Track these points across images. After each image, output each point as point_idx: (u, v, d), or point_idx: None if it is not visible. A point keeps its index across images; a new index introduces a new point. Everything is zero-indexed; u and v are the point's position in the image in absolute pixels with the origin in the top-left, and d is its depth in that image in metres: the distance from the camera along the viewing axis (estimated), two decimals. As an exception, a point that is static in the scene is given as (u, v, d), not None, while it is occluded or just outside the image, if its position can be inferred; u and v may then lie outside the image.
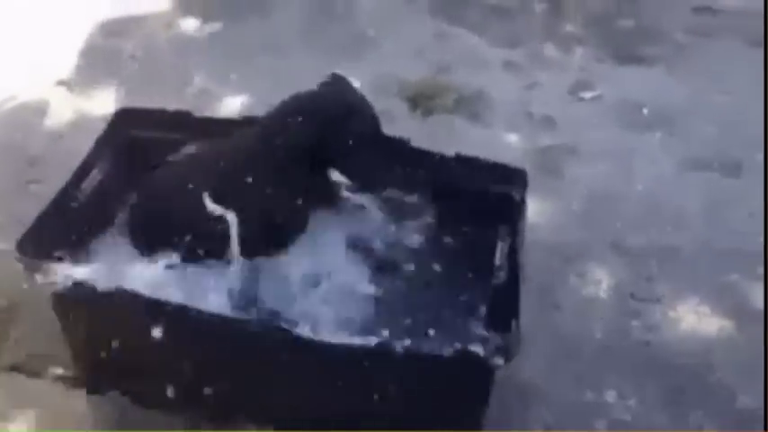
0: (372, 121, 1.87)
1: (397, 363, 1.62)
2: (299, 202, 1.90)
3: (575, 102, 3.14)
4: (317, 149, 1.81)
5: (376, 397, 1.70)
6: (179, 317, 1.67)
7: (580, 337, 2.18)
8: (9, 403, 1.96)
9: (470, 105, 3.08)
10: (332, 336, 1.65)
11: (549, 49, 3.49)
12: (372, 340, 1.63)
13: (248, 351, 1.70)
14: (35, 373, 2.02)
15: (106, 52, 3.31)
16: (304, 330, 1.62)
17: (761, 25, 3.47)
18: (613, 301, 2.29)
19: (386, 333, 1.75)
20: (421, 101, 3.07)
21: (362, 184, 1.92)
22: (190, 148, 2.03)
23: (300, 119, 1.81)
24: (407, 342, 1.63)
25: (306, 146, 1.81)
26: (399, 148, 1.98)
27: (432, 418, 1.71)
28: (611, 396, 2.04)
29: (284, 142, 1.82)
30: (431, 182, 2.02)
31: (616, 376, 2.08)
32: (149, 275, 1.80)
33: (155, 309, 1.68)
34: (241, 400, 1.81)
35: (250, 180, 1.84)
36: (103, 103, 2.94)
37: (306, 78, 1.92)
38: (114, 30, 3.45)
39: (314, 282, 1.89)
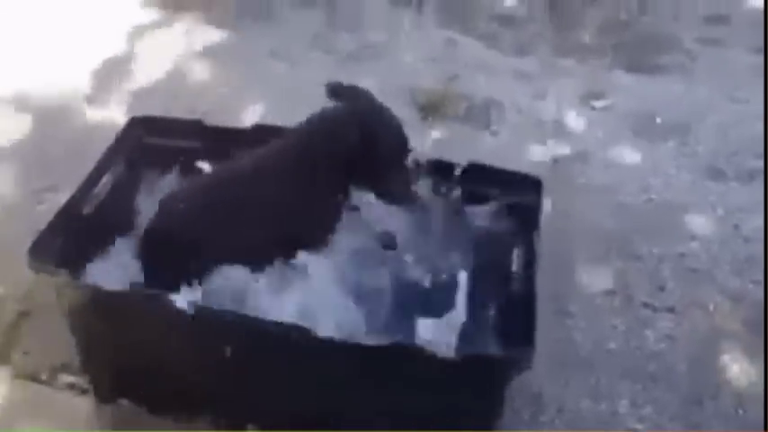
0: (400, 134, 1.90)
1: (411, 367, 1.61)
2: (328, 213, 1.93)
3: (586, 110, 3.14)
4: (352, 163, 1.84)
5: (387, 398, 1.69)
6: (198, 320, 1.67)
7: (593, 345, 2.16)
8: (21, 411, 1.95)
9: (481, 114, 3.08)
10: (347, 336, 1.65)
11: (561, 58, 3.49)
12: (387, 341, 1.62)
13: (265, 352, 1.70)
14: (46, 381, 2.02)
15: (122, 61, 3.33)
16: (322, 331, 1.62)
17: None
18: (626, 310, 2.27)
19: (401, 336, 1.74)
20: (432, 109, 3.07)
21: (392, 200, 1.95)
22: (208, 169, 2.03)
23: (338, 133, 1.84)
24: (422, 347, 1.62)
25: (343, 159, 1.83)
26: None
27: (444, 424, 1.70)
28: (623, 406, 2.02)
29: (324, 155, 1.84)
30: (446, 190, 2.01)
31: (629, 386, 2.07)
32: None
33: (170, 312, 1.67)
34: (253, 402, 1.81)
35: (286, 191, 1.86)
36: (119, 111, 2.94)
37: (316, 87, 1.92)
38: (129, 39, 3.47)
39: (328, 285, 1.88)
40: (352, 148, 1.82)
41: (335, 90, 1.92)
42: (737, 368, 2.11)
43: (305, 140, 1.89)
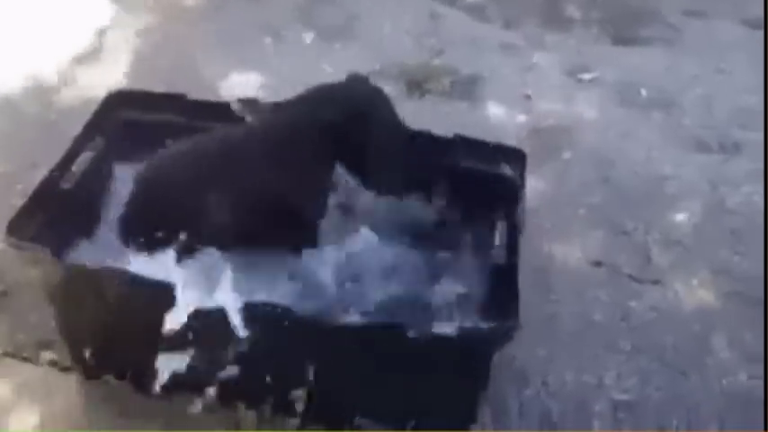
0: (393, 117, 1.87)
1: (394, 344, 1.61)
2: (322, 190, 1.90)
3: (573, 83, 3.12)
4: (341, 140, 1.80)
5: (371, 377, 1.69)
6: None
7: (578, 318, 2.16)
8: (4, 389, 1.93)
9: (467, 87, 3.06)
10: (334, 317, 1.64)
11: (547, 31, 3.47)
12: (370, 321, 1.61)
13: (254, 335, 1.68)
14: (28, 359, 2.00)
15: (99, 36, 3.27)
16: (308, 313, 1.60)
17: (757, 5, 3.48)
18: (612, 282, 2.27)
19: (385, 314, 1.73)
20: (417, 83, 3.04)
21: (384, 186, 1.92)
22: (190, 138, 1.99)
23: (327, 109, 1.81)
24: (404, 323, 1.61)
25: (332, 135, 1.80)
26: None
27: (430, 401, 1.70)
28: (609, 377, 2.03)
29: (313, 130, 1.81)
30: (430, 163, 2.00)
31: (614, 357, 2.07)
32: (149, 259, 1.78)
33: (154, 291, 1.66)
34: (241, 383, 1.80)
35: (271, 168, 1.82)
36: (102, 85, 2.89)
37: (301, 60, 1.90)
38: (112, 14, 3.41)
39: (312, 267, 1.87)
40: (336, 127, 1.80)
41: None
42: (722, 339, 2.12)
43: (291, 115, 1.86)
